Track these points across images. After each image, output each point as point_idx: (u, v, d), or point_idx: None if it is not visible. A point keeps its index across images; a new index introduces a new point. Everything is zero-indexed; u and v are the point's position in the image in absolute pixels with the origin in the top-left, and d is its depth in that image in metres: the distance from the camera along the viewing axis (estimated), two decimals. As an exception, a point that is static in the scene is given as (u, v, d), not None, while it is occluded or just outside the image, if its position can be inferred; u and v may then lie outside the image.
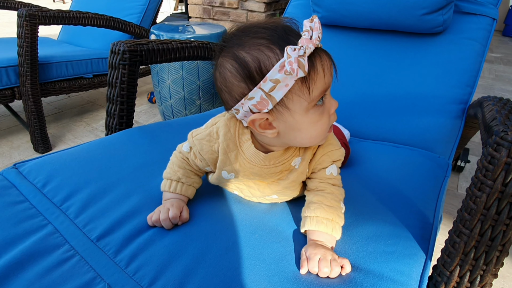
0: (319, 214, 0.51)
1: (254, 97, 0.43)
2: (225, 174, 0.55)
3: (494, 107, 0.57)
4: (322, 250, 0.47)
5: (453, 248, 0.46)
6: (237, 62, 0.43)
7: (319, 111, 0.46)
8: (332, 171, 0.54)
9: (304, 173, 0.55)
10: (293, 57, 0.40)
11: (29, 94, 1.38)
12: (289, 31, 0.44)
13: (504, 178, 0.41)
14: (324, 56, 0.44)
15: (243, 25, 0.46)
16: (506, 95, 2.40)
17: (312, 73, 0.42)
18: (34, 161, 0.68)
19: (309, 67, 0.42)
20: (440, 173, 0.77)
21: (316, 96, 0.44)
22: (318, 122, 0.46)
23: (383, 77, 1.03)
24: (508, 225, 0.42)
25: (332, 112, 0.48)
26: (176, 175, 0.58)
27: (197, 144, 0.55)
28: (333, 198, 0.53)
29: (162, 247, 0.50)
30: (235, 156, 0.53)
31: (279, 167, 0.53)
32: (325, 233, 0.50)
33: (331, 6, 1.07)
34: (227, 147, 0.53)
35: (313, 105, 0.45)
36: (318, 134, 0.48)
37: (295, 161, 0.53)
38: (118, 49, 0.80)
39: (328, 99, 0.47)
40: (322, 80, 0.44)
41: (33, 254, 0.48)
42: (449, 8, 0.94)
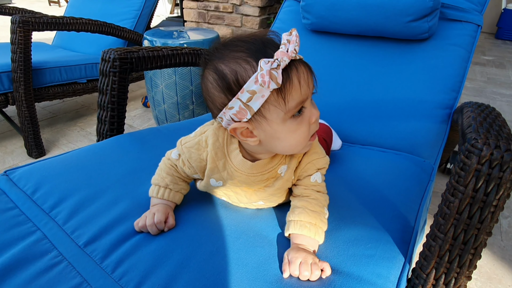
0: (303, 219, 0.52)
1: (234, 107, 0.45)
2: (213, 181, 0.57)
3: (471, 113, 0.59)
4: (303, 254, 0.48)
5: (429, 252, 0.48)
6: (217, 74, 0.45)
7: (297, 121, 0.47)
8: (316, 179, 0.56)
9: (289, 181, 0.56)
10: (265, 69, 0.41)
11: (22, 99, 1.39)
12: (268, 44, 0.45)
13: (474, 184, 0.43)
14: (301, 68, 0.45)
15: (226, 39, 0.48)
16: (497, 98, 2.43)
17: (288, 85, 0.44)
18: (24, 168, 0.69)
19: (284, 79, 0.43)
20: (425, 177, 0.79)
21: (293, 106, 0.45)
22: (297, 131, 0.48)
23: (371, 83, 1.05)
24: (479, 229, 0.43)
25: (313, 122, 0.49)
26: (164, 182, 0.59)
27: (186, 152, 0.56)
28: (317, 204, 0.54)
29: (148, 253, 0.51)
30: (223, 165, 0.55)
31: (266, 175, 0.55)
32: (308, 237, 0.51)
33: (320, 13, 1.09)
34: (216, 156, 0.54)
35: (290, 115, 0.46)
36: (297, 143, 0.49)
37: (281, 169, 0.55)
38: (109, 57, 0.81)
39: (308, 109, 0.48)
40: (298, 92, 0.45)
41: (22, 260, 0.49)
42: (434, 15, 0.97)
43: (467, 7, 1.03)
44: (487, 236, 0.44)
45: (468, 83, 2.72)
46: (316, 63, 1.20)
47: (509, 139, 0.44)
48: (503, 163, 0.41)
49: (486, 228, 0.43)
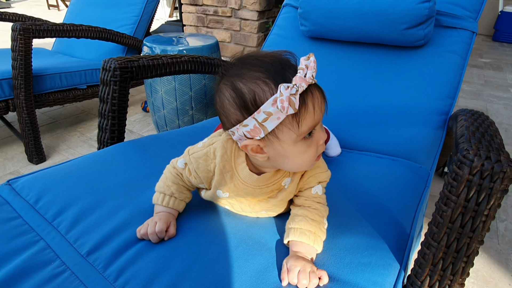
0: (303, 226, 0.54)
1: (248, 125, 0.46)
2: (219, 193, 0.58)
3: (465, 122, 0.61)
4: (302, 262, 0.50)
5: (423, 259, 0.49)
6: (234, 92, 0.47)
7: (307, 143, 0.49)
8: (317, 191, 0.58)
9: (292, 192, 0.58)
10: (285, 95, 0.42)
11: (23, 106, 1.40)
12: (286, 66, 0.46)
13: (466, 194, 0.44)
14: (316, 93, 0.47)
15: (244, 56, 0.49)
16: (494, 101, 2.45)
17: (303, 110, 0.45)
18: (27, 177, 0.70)
19: (300, 103, 0.44)
20: (421, 184, 0.80)
21: (305, 130, 0.47)
22: (306, 152, 0.49)
23: (368, 89, 1.06)
24: (471, 238, 0.45)
25: (321, 144, 0.51)
26: (169, 190, 0.60)
27: (194, 162, 0.57)
28: (317, 214, 0.56)
29: (149, 261, 0.52)
30: (230, 177, 0.56)
31: (270, 187, 0.56)
32: (307, 244, 0.53)
33: (318, 20, 1.11)
34: (223, 168, 0.55)
35: (301, 138, 0.48)
36: (304, 163, 0.51)
37: (285, 181, 0.57)
38: (109, 66, 0.82)
39: (318, 132, 0.50)
40: (311, 117, 0.46)
41: (26, 270, 0.50)
42: (429, 23, 0.98)
43: (462, 14, 1.05)
44: (479, 244, 0.45)
45: (465, 86, 2.74)
46: (313, 70, 1.21)
47: (499, 149, 0.45)
48: (494, 174, 0.42)
49: (478, 237, 0.44)
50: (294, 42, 1.23)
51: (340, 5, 1.04)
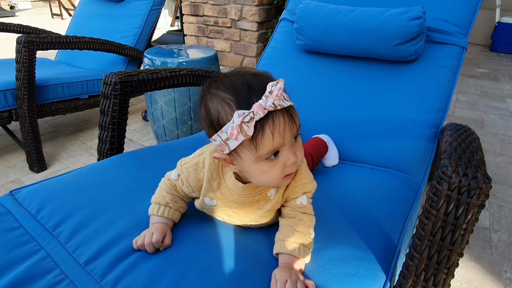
0: (289, 238, 0.56)
1: (216, 140, 0.50)
2: (207, 200, 0.61)
3: (449, 138, 0.63)
4: (289, 273, 0.52)
5: (407, 271, 0.51)
6: (205, 110, 0.51)
7: (270, 164, 0.49)
8: (302, 201, 0.60)
9: (278, 203, 0.60)
10: (235, 123, 0.45)
11: (26, 115, 1.43)
12: (254, 90, 0.47)
13: (446, 209, 0.46)
14: (278, 119, 0.47)
15: (226, 73, 0.52)
16: (490, 111, 2.48)
17: (260, 136, 0.46)
18: (29, 188, 0.72)
19: (258, 129, 0.46)
20: (411, 196, 0.83)
21: (263, 154, 0.48)
22: (268, 173, 0.50)
23: (361, 102, 1.09)
24: (451, 250, 0.47)
25: (289, 165, 0.50)
26: (164, 200, 0.63)
27: (185, 172, 0.61)
28: (303, 225, 0.58)
29: (145, 271, 0.54)
30: (217, 185, 0.59)
31: (256, 197, 0.59)
32: (294, 256, 0.55)
33: (312, 35, 1.14)
34: (211, 176, 0.59)
35: (262, 159, 0.49)
36: (269, 182, 0.52)
37: (270, 192, 0.59)
38: (110, 81, 0.85)
39: (284, 154, 0.49)
40: (269, 142, 0.47)
41: (26, 279, 0.52)
42: (420, 39, 1.02)
43: (452, 30, 1.08)
44: (459, 256, 0.47)
45: (461, 96, 2.77)
46: (309, 82, 1.25)
47: (477, 166, 0.48)
48: (470, 190, 0.45)
49: (457, 249, 0.47)
50: (290, 56, 1.26)
51: (334, 21, 1.07)
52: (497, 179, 1.62)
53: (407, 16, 0.99)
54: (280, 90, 0.46)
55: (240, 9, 2.91)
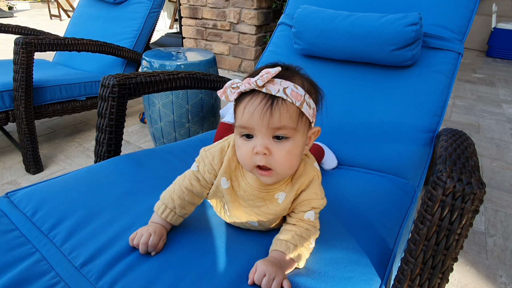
0: (287, 239, 0.56)
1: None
2: (223, 181, 0.61)
3: (445, 143, 0.64)
4: (271, 268, 0.52)
5: (402, 275, 0.51)
6: None
7: (242, 142, 0.54)
8: (309, 216, 0.60)
9: (286, 210, 0.61)
10: (226, 85, 0.53)
11: (23, 117, 1.43)
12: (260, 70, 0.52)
13: (440, 214, 0.47)
14: (256, 99, 0.50)
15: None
16: (486, 116, 2.49)
17: (237, 106, 0.53)
18: (25, 190, 0.72)
19: (238, 100, 0.53)
20: (407, 200, 0.83)
21: (238, 126, 0.53)
22: (239, 149, 0.55)
23: (358, 106, 1.10)
24: (446, 255, 0.47)
25: (255, 152, 0.51)
26: (172, 204, 0.61)
27: (209, 156, 0.61)
28: (305, 232, 0.58)
29: (141, 274, 0.54)
30: (235, 166, 0.61)
31: (263, 193, 0.59)
32: (286, 255, 0.55)
33: (310, 40, 1.15)
34: (232, 157, 0.60)
35: (238, 133, 0.54)
36: (240, 160, 0.56)
37: (278, 194, 0.59)
38: (108, 83, 0.86)
39: (256, 140, 0.52)
40: (240, 115, 0.53)
41: (21, 281, 0.52)
42: (416, 45, 1.03)
43: (448, 36, 1.09)
44: (453, 261, 0.48)
45: (458, 101, 2.79)
46: (306, 87, 1.25)
47: (472, 172, 0.48)
48: (465, 195, 0.45)
49: (452, 254, 0.47)
50: (288, 60, 1.26)
51: (332, 26, 1.08)
52: (492, 183, 1.63)
53: (404, 22, 1.00)
54: (268, 73, 0.49)
55: (239, 13, 2.93)
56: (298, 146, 0.53)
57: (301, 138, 0.54)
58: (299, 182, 0.59)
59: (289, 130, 0.51)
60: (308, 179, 0.60)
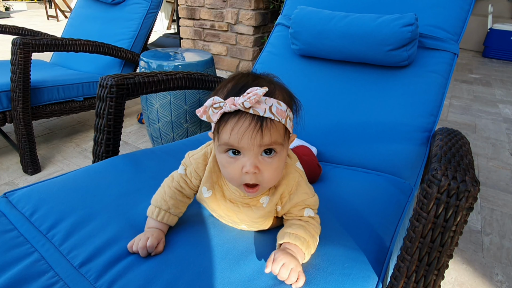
0: (299, 233, 0.57)
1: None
2: (204, 190, 0.62)
3: (440, 142, 0.65)
4: (288, 258, 0.53)
5: (398, 272, 0.52)
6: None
7: (229, 160, 0.53)
8: (309, 213, 0.61)
9: (272, 212, 0.61)
10: (205, 104, 0.51)
11: (20, 118, 1.43)
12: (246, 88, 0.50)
13: (435, 211, 0.47)
14: (244, 121, 0.49)
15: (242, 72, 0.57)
16: (483, 116, 2.51)
17: (222, 125, 0.51)
18: (23, 190, 0.72)
19: (224, 120, 0.50)
20: (403, 199, 0.84)
21: (221, 144, 0.52)
22: (227, 168, 0.53)
23: (355, 106, 1.11)
24: (441, 252, 0.48)
25: (245, 172, 0.51)
26: (166, 205, 0.62)
27: (194, 163, 0.63)
28: (313, 229, 0.59)
29: (139, 273, 0.54)
30: (216, 177, 0.61)
31: (247, 200, 0.60)
32: (299, 248, 0.56)
33: (307, 40, 1.16)
34: (213, 168, 0.61)
35: (223, 150, 0.53)
36: (228, 177, 0.55)
37: (263, 199, 0.60)
38: (106, 83, 0.86)
39: (245, 159, 0.51)
40: (226, 135, 0.50)
41: (20, 281, 0.52)
42: (412, 45, 1.03)
43: (444, 37, 1.10)
44: (449, 258, 0.48)
45: (455, 101, 2.81)
46: (303, 87, 1.27)
47: (466, 170, 0.49)
48: (459, 193, 0.46)
49: (447, 251, 0.48)
50: (285, 60, 1.28)
51: (329, 27, 1.09)
52: (489, 183, 1.64)
53: (400, 22, 1.01)
54: (255, 95, 0.48)
55: (236, 13, 2.93)
56: (283, 159, 0.55)
57: (285, 152, 0.55)
58: (282, 185, 0.59)
59: (278, 146, 0.52)
60: (293, 180, 0.60)
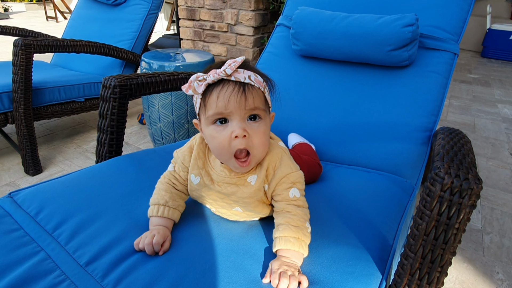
0: (287, 234, 0.57)
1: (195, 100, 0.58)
2: (192, 177, 0.65)
3: (442, 141, 0.65)
4: (284, 266, 0.54)
5: (402, 270, 0.53)
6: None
7: (217, 129, 0.55)
8: (295, 194, 0.60)
9: (260, 190, 0.61)
10: (191, 79, 0.54)
11: (22, 118, 1.43)
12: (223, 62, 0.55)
13: (439, 209, 0.48)
14: (228, 87, 0.53)
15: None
16: (482, 116, 2.52)
17: (208, 96, 0.54)
18: (28, 190, 0.73)
19: (209, 91, 0.54)
20: (405, 198, 0.84)
21: (210, 115, 0.55)
22: (215, 139, 0.56)
23: (356, 106, 1.11)
24: (444, 249, 0.49)
25: (234, 137, 0.54)
26: (163, 199, 0.64)
27: (181, 156, 0.66)
28: (299, 219, 0.59)
29: (145, 272, 0.55)
30: (202, 163, 0.64)
31: (234, 179, 0.61)
32: (293, 250, 0.56)
33: (309, 40, 1.16)
34: (197, 155, 0.64)
35: (211, 121, 0.55)
36: (217, 150, 0.57)
37: (250, 177, 0.61)
38: (109, 84, 0.86)
39: (233, 124, 0.54)
40: (214, 103, 0.54)
41: (27, 280, 0.53)
42: (413, 45, 1.04)
43: (444, 37, 1.11)
44: (452, 255, 0.49)
45: (454, 101, 2.82)
46: (305, 86, 1.27)
47: (469, 168, 0.50)
48: (462, 191, 0.46)
49: (450, 248, 0.48)
50: (286, 60, 1.28)
51: (330, 27, 1.10)
52: (488, 182, 1.65)
53: (401, 23, 1.01)
54: (235, 62, 0.53)
55: (236, 14, 2.94)
56: (268, 127, 0.59)
57: (268, 120, 0.59)
58: (266, 160, 0.61)
59: (261, 111, 0.56)
60: (277, 156, 0.62)
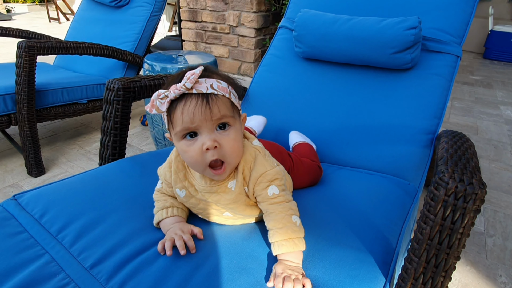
0: (278, 239, 0.57)
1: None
2: (178, 191, 0.65)
3: (445, 145, 0.65)
4: (288, 270, 0.54)
5: (406, 274, 0.53)
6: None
7: (187, 144, 0.55)
8: (273, 191, 0.59)
9: (242, 194, 0.61)
10: (152, 98, 0.53)
11: (25, 120, 1.44)
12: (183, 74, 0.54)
13: (443, 214, 0.48)
14: (191, 101, 0.52)
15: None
16: (484, 118, 2.52)
17: (172, 113, 0.54)
18: (32, 192, 0.73)
19: (173, 107, 0.53)
20: (408, 201, 0.84)
21: (178, 131, 0.54)
22: (187, 153, 0.56)
23: (359, 108, 1.12)
24: (448, 254, 0.49)
25: (205, 149, 0.54)
26: (168, 202, 0.66)
27: (162, 174, 0.67)
28: (283, 218, 0.58)
29: (149, 275, 0.55)
30: (183, 175, 0.64)
31: (215, 188, 0.61)
32: (289, 253, 0.57)
33: (311, 43, 1.17)
34: (177, 168, 0.64)
35: (180, 137, 0.55)
36: (191, 163, 0.57)
37: (230, 183, 0.61)
38: (113, 87, 0.87)
39: (202, 138, 0.54)
40: (179, 120, 0.53)
41: (31, 283, 0.53)
42: (416, 48, 1.04)
43: (447, 40, 1.11)
44: (456, 260, 0.49)
45: (456, 103, 2.81)
46: (307, 89, 1.28)
47: (473, 173, 0.50)
48: (466, 195, 0.46)
49: (455, 253, 0.48)
50: (289, 63, 1.29)
51: (332, 29, 1.10)
52: (491, 184, 1.64)
53: (403, 25, 1.01)
54: (193, 75, 0.52)
55: (238, 16, 2.95)
56: (239, 132, 0.58)
57: (239, 125, 0.58)
58: (242, 163, 0.60)
59: (229, 118, 0.55)
60: (251, 156, 0.61)
